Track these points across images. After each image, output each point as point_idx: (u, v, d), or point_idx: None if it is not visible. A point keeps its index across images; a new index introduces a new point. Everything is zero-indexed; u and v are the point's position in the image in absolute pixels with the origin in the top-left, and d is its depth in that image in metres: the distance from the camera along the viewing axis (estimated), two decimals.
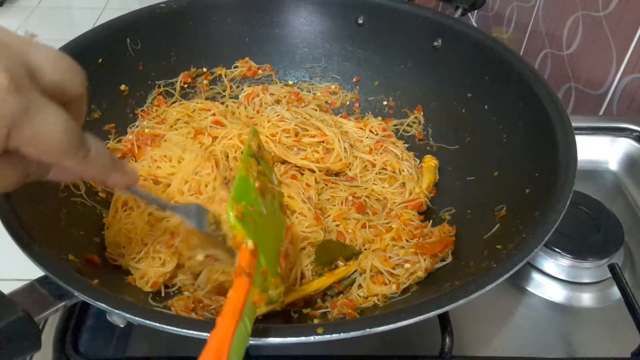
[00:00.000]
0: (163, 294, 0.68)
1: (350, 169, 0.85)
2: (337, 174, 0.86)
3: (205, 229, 0.59)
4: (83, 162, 0.40)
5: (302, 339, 0.47)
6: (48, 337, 0.65)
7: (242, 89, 1.01)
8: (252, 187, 0.49)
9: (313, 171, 0.83)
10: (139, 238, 0.72)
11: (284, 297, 0.50)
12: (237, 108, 0.96)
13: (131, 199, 0.76)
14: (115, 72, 0.88)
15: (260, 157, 0.53)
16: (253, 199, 0.48)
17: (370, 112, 0.99)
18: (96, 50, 0.85)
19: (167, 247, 0.70)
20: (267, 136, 0.83)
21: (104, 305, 0.49)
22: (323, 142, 0.84)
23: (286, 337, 0.47)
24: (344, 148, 0.84)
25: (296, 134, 0.84)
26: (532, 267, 0.76)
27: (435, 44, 0.90)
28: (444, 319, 0.64)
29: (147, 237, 0.72)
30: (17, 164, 0.40)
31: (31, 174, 0.43)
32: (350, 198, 0.80)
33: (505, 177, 0.74)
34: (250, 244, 0.44)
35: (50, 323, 0.66)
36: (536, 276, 0.75)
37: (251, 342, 0.47)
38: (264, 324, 0.48)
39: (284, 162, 0.84)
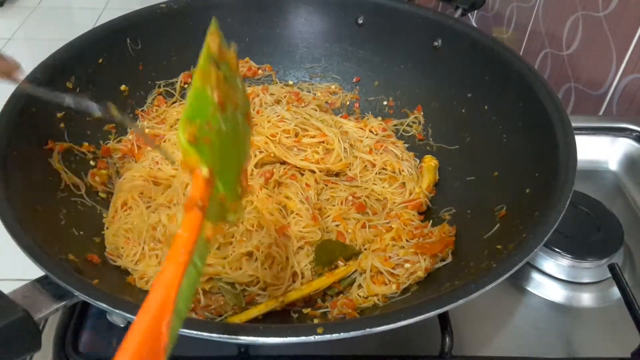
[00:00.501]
0: None
1: (350, 169, 0.85)
2: (337, 174, 0.86)
3: (107, 113, 0.58)
4: None
5: (302, 339, 0.47)
6: (48, 337, 0.65)
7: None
8: (210, 101, 0.42)
9: (313, 171, 0.83)
10: (136, 238, 0.72)
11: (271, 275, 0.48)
12: None
13: (130, 199, 0.77)
14: (115, 72, 0.88)
15: (221, 59, 0.46)
16: (211, 115, 0.42)
17: (370, 112, 0.99)
18: (96, 50, 0.85)
19: (157, 241, 0.71)
20: (267, 136, 0.83)
21: (104, 305, 0.49)
22: (323, 142, 0.84)
23: (286, 337, 0.47)
24: (344, 148, 0.84)
25: (296, 135, 0.84)
26: (532, 267, 0.76)
27: (435, 44, 0.90)
28: (444, 319, 0.64)
29: (142, 237, 0.72)
30: None
31: None
32: (350, 198, 0.80)
33: (505, 177, 0.74)
34: (204, 171, 0.39)
35: (50, 323, 0.66)
36: (536, 276, 0.75)
37: (251, 342, 0.47)
38: (264, 324, 0.48)
39: (283, 162, 0.84)
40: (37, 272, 0.53)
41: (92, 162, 0.81)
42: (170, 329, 0.34)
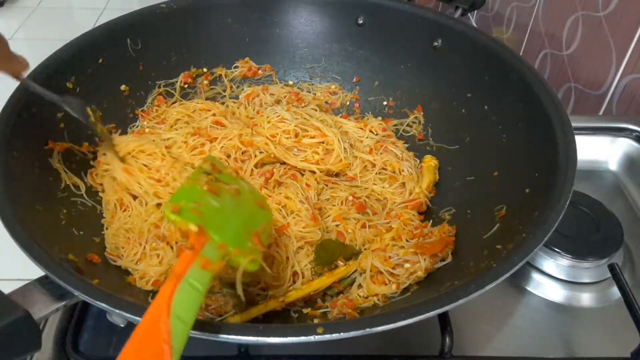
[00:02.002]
0: None
1: (350, 169, 0.86)
2: (337, 174, 0.86)
3: (86, 119, 0.74)
4: None
5: (302, 338, 0.47)
6: (48, 337, 0.65)
7: (243, 89, 1.01)
8: (198, 191, 0.57)
9: (313, 172, 0.83)
10: (137, 238, 0.72)
11: (266, 268, 0.59)
12: (237, 108, 0.96)
13: (125, 199, 0.77)
14: (115, 72, 0.88)
15: (214, 172, 0.62)
16: (199, 197, 0.56)
17: (370, 112, 0.99)
18: (96, 50, 0.85)
19: (159, 239, 0.71)
20: (267, 137, 0.83)
21: (104, 305, 0.49)
22: (323, 142, 0.84)
23: (286, 337, 0.47)
24: (344, 148, 0.84)
25: (296, 135, 0.84)
26: (532, 267, 0.76)
27: (435, 44, 0.90)
28: (444, 319, 0.64)
29: (143, 237, 0.72)
30: None
31: None
32: (351, 198, 0.80)
33: (505, 177, 0.74)
34: (193, 227, 0.52)
35: (50, 323, 0.66)
36: (536, 276, 0.75)
37: (251, 342, 0.47)
38: (264, 324, 0.48)
39: (283, 162, 0.84)
40: (37, 272, 0.53)
41: (92, 162, 0.81)
42: (172, 335, 0.43)
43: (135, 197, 0.78)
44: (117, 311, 0.49)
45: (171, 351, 0.43)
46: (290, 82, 1.04)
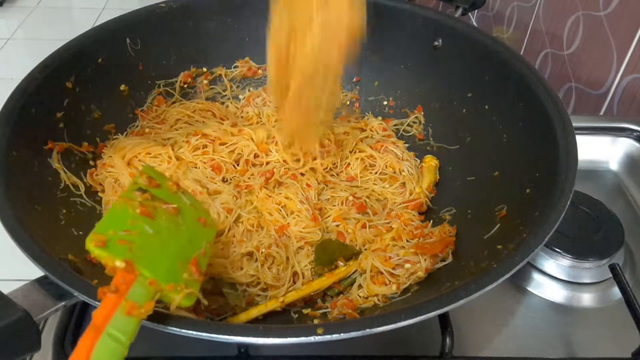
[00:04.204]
0: None
1: (351, 169, 0.86)
2: (338, 174, 0.86)
3: None
4: None
5: (302, 339, 0.47)
6: (48, 337, 0.65)
7: (247, 90, 1.01)
8: (129, 215, 0.52)
9: (314, 170, 0.83)
10: None
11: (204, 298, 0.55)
12: (243, 109, 0.96)
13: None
14: (115, 72, 0.88)
15: (150, 186, 0.58)
16: (130, 224, 0.51)
17: (370, 112, 0.99)
18: (96, 50, 0.85)
19: None
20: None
21: None
22: None
23: (286, 337, 0.47)
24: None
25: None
26: (533, 267, 0.76)
27: (436, 44, 0.90)
28: (444, 319, 0.64)
29: None
30: None
31: None
32: (351, 198, 0.80)
33: (505, 177, 0.74)
34: (119, 263, 0.47)
35: (50, 323, 0.66)
36: (536, 276, 0.75)
37: (251, 342, 0.47)
38: (264, 324, 0.48)
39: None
40: (37, 272, 0.53)
41: (91, 162, 0.81)
42: None
43: None
44: None
45: None
46: None
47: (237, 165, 0.84)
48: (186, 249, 0.55)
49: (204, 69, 0.99)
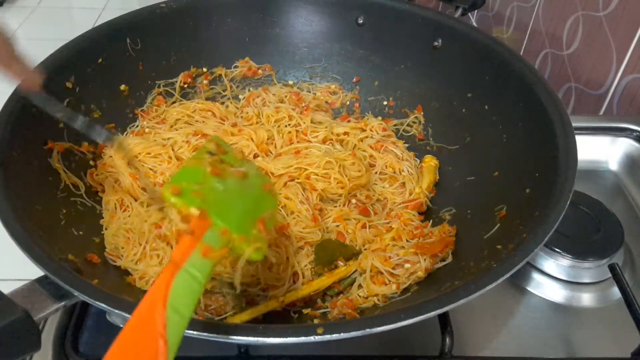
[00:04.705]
0: None
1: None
2: None
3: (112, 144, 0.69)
4: None
5: (302, 339, 0.47)
6: (48, 337, 0.65)
7: (247, 90, 1.01)
8: (201, 171, 0.54)
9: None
10: (137, 238, 0.72)
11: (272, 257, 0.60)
12: (242, 109, 0.96)
13: (126, 199, 0.77)
14: (115, 72, 0.88)
15: (219, 152, 0.60)
16: (202, 179, 0.53)
17: (370, 112, 0.99)
18: (96, 50, 0.85)
19: (159, 239, 0.70)
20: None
21: (104, 305, 0.49)
22: None
23: (286, 337, 0.47)
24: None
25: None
26: (532, 267, 0.76)
27: (435, 44, 0.90)
28: (444, 319, 0.64)
29: (143, 237, 0.72)
30: None
31: None
32: (354, 201, 0.80)
33: (505, 177, 0.74)
34: (194, 210, 0.49)
35: (50, 323, 0.66)
36: (536, 276, 0.75)
37: (251, 342, 0.47)
38: (264, 324, 0.48)
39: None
40: (37, 272, 0.53)
41: (91, 162, 0.81)
42: (168, 328, 0.40)
43: (136, 199, 0.78)
44: (116, 311, 0.49)
45: (166, 347, 0.39)
46: (290, 82, 1.03)
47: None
48: (254, 209, 0.56)
49: (204, 69, 0.99)
